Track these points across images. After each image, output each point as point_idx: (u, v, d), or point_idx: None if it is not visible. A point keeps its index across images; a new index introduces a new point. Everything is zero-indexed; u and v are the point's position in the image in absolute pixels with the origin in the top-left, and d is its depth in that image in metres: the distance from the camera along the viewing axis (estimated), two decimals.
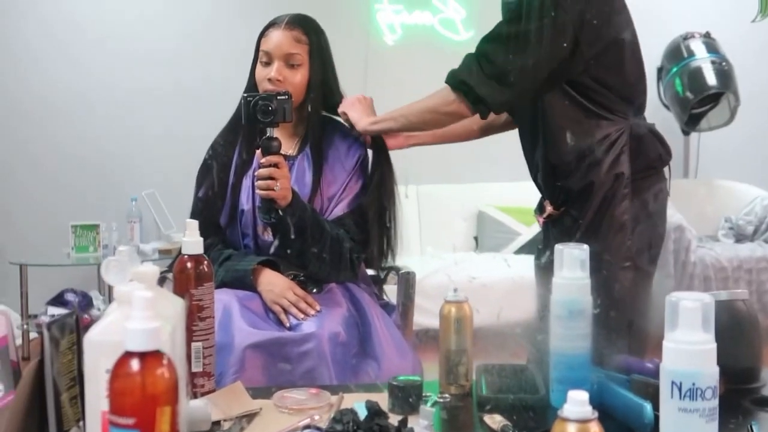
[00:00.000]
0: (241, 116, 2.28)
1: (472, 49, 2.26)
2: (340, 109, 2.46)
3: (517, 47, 2.14)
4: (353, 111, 2.43)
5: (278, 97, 2.22)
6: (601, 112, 2.20)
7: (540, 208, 2.39)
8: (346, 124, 2.46)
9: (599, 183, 2.17)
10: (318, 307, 2.24)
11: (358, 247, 2.36)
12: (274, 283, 2.27)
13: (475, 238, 5.81)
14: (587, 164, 2.19)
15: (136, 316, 0.95)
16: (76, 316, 1.26)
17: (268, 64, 2.37)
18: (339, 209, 2.37)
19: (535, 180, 2.38)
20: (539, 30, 2.11)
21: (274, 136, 2.24)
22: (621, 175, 2.17)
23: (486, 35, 2.23)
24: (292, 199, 2.23)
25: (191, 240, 1.52)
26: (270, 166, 2.20)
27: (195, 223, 1.54)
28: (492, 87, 2.17)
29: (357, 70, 5.59)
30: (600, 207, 2.18)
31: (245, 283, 2.27)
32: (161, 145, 5.74)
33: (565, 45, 2.11)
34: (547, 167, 2.27)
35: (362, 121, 2.41)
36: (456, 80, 2.23)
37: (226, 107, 2.53)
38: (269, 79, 2.34)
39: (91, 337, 1.11)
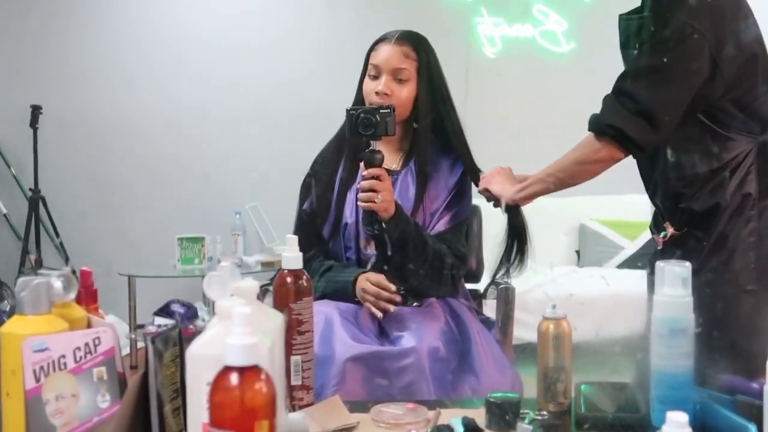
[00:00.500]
0: (345, 131, 2.32)
1: (574, 62, 2.24)
2: (480, 187, 2.38)
3: (658, 80, 2.06)
4: (494, 184, 2.36)
5: (381, 111, 2.23)
6: (730, 133, 2.12)
7: (657, 227, 2.33)
8: (489, 202, 2.39)
9: (725, 204, 2.12)
10: (392, 307, 2.26)
11: (459, 262, 2.38)
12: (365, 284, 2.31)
13: (577, 252, 5.74)
14: (713, 186, 2.13)
15: (236, 332, 0.97)
16: (179, 330, 1.30)
17: (376, 77, 2.41)
18: (441, 225, 2.39)
19: (652, 198, 2.32)
20: (677, 59, 2.03)
21: (377, 149, 2.26)
22: (748, 195, 2.11)
23: (622, 73, 2.15)
24: (395, 212, 2.25)
25: (291, 255, 1.55)
26: (372, 178, 2.22)
27: (295, 239, 1.57)
28: (640, 125, 2.08)
29: (458, 83, 5.60)
30: (726, 228, 2.12)
31: (346, 293, 2.30)
32: (265, 159, 5.85)
33: (704, 69, 2.04)
34: (668, 188, 2.21)
35: (507, 192, 2.33)
36: (601, 125, 2.14)
37: (332, 124, 2.57)
38: (376, 93, 2.37)
39: (193, 351, 1.14)
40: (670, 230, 2.24)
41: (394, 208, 2.26)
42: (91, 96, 5.80)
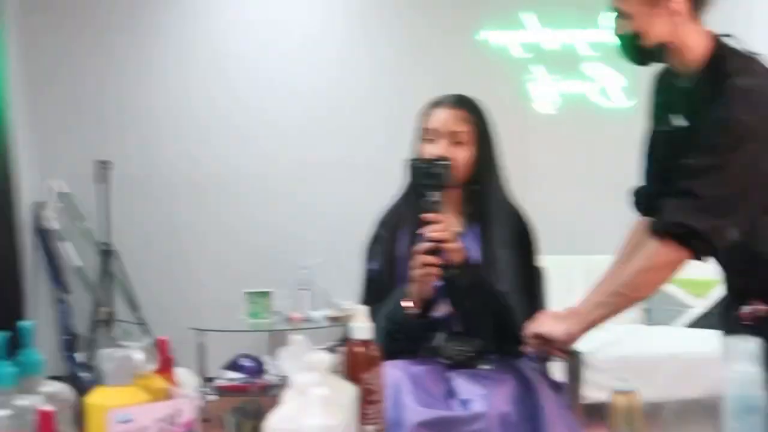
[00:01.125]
0: (407, 189, 2.38)
1: (631, 116, 2.24)
2: (531, 332, 2.25)
3: (718, 176, 2.01)
4: (547, 326, 2.23)
5: (437, 162, 2.33)
6: None
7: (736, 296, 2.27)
8: (540, 356, 2.37)
9: None
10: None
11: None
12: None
13: (646, 310, 5.67)
14: None
15: (314, 413, 1.01)
16: (258, 404, 1.33)
17: (432, 141, 2.45)
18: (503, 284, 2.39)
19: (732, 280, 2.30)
20: (734, 158, 2.00)
21: (437, 200, 2.31)
22: None
23: (680, 176, 2.08)
24: (466, 259, 2.30)
25: (360, 326, 1.57)
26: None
27: (363, 310, 1.60)
28: (708, 219, 2.02)
29: (512, 143, 5.64)
30: None
31: (402, 302, 2.34)
32: (331, 216, 5.92)
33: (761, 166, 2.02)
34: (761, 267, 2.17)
35: (563, 329, 2.20)
36: (665, 225, 2.06)
37: (388, 180, 2.63)
38: (437, 159, 2.39)
39: (271, 426, 1.18)
40: (764, 307, 2.15)
41: (463, 253, 2.30)
42: (162, 151, 5.94)
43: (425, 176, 2.31)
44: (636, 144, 2.45)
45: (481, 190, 2.45)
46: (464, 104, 2.48)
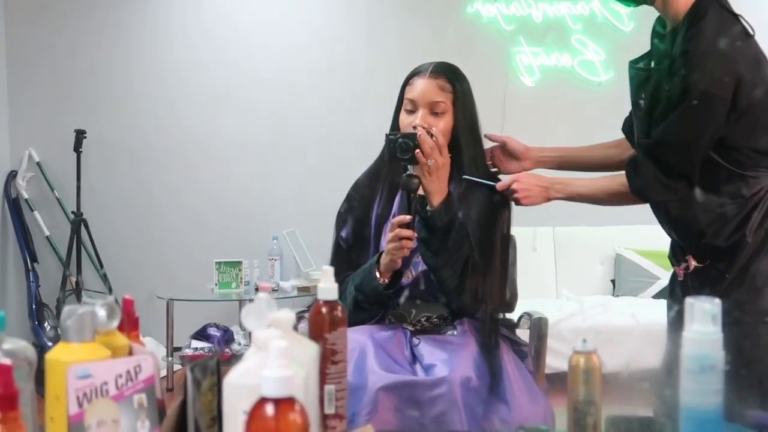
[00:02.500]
0: (380, 161, 2.36)
1: (612, 91, 2.32)
2: (515, 194, 2.44)
3: (686, 149, 2.19)
4: (528, 192, 2.45)
5: (413, 136, 2.29)
6: (749, 172, 2.19)
7: (677, 258, 2.37)
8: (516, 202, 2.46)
9: (748, 239, 2.17)
10: (410, 242, 2.29)
11: (484, 274, 2.38)
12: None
13: (612, 282, 5.73)
14: (736, 222, 2.19)
15: (272, 364, 1.01)
16: (217, 359, 1.33)
17: (412, 111, 2.43)
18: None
19: (670, 233, 2.37)
20: (702, 125, 2.15)
21: (415, 174, 2.30)
22: None
23: (654, 138, 2.26)
24: (446, 198, 2.31)
25: (326, 287, 1.57)
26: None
27: (330, 271, 1.59)
28: (666, 190, 2.24)
29: (495, 112, 5.63)
30: (748, 262, 2.18)
31: (372, 276, 2.34)
32: (302, 184, 5.92)
33: (719, 125, 2.14)
34: (689, 225, 2.27)
35: (541, 199, 2.47)
36: (634, 188, 2.33)
37: (367, 149, 2.62)
38: (414, 127, 2.38)
39: (230, 381, 1.18)
40: (693, 263, 2.30)
41: (445, 192, 2.31)
42: (135, 120, 5.91)
43: (404, 150, 2.29)
44: (613, 117, 2.50)
45: (459, 157, 2.44)
46: (443, 72, 2.45)
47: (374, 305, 2.39)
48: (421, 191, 2.33)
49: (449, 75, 2.45)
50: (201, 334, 5.26)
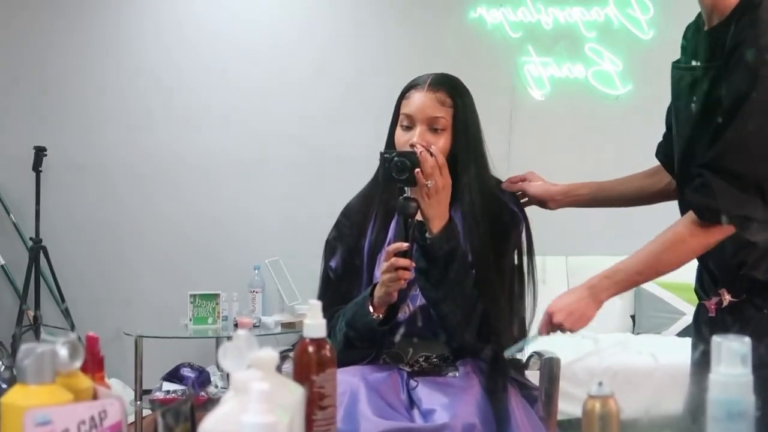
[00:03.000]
0: (372, 184, 2.37)
1: (630, 106, 2.28)
2: (563, 327, 2.34)
3: (760, 152, 2.07)
4: (573, 316, 2.33)
5: (416, 155, 2.30)
6: None
7: (705, 291, 2.36)
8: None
9: None
10: (409, 273, 2.28)
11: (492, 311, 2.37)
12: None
13: (632, 318, 5.72)
14: None
15: (253, 409, 1.01)
16: (191, 405, 1.33)
17: (409, 128, 2.43)
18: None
19: (703, 262, 2.36)
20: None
21: (412, 197, 2.31)
22: None
23: (715, 151, 2.12)
24: (447, 224, 2.31)
25: (313, 323, 1.57)
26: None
27: (318, 306, 1.59)
28: (755, 203, 2.09)
29: (502, 127, 5.65)
30: None
31: (365, 311, 2.34)
32: (288, 208, 5.93)
33: None
34: (727, 255, 2.24)
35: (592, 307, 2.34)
36: (720, 214, 2.11)
37: (359, 171, 2.63)
38: (411, 145, 2.38)
39: (206, 428, 1.18)
40: (727, 297, 2.27)
41: (446, 218, 2.32)
42: (100, 138, 5.92)
43: (400, 170, 2.30)
44: (631, 134, 2.49)
45: (459, 180, 2.43)
46: (442, 85, 2.44)
47: (367, 343, 2.39)
48: (419, 216, 2.33)
49: (449, 88, 2.45)
50: (173, 376, 5.24)
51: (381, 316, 2.35)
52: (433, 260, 2.31)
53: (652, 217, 2.78)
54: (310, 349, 1.56)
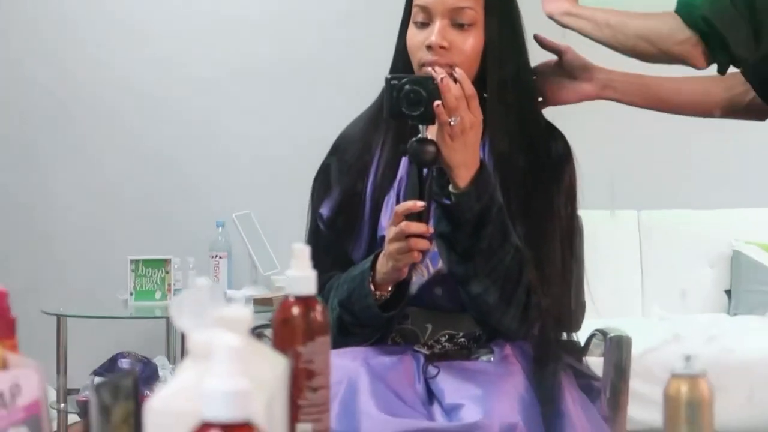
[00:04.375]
0: (381, 105, 2.34)
1: None
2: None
3: None
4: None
5: (434, 82, 2.24)
6: None
7: None
8: None
9: None
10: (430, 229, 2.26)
11: (541, 285, 2.36)
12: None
13: (728, 293, 5.73)
14: None
15: (219, 372, 1.00)
16: (134, 379, 1.33)
17: (425, 24, 2.40)
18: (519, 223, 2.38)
19: None
20: None
21: (429, 138, 2.28)
22: None
23: None
24: (477, 174, 2.27)
25: (299, 275, 1.56)
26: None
27: (305, 251, 1.58)
28: (746, 32, 2.23)
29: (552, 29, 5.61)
30: None
31: (364, 290, 2.31)
32: (260, 144, 5.90)
33: None
34: None
35: (555, 4, 2.46)
36: (694, 15, 2.26)
37: (360, 89, 2.61)
38: (428, 46, 2.36)
39: (155, 406, 1.17)
40: None
41: (477, 165, 2.27)
42: (14, 71, 5.94)
43: (413, 103, 2.25)
44: None
45: (494, 98, 2.42)
46: None
47: (368, 329, 2.39)
48: (439, 163, 2.30)
49: None
50: (108, 370, 5.25)
51: (386, 295, 2.33)
52: (459, 224, 2.27)
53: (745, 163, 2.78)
54: (295, 310, 1.56)
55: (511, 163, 2.40)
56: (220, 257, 5.47)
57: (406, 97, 2.25)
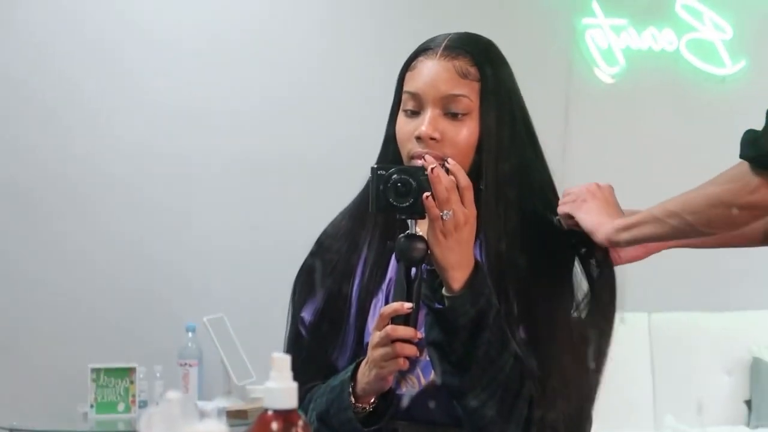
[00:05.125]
0: (367, 198, 2.32)
1: (742, 91, 2.29)
2: (562, 209, 2.40)
3: None
4: (586, 212, 2.37)
5: (425, 173, 2.22)
6: None
7: None
8: (565, 226, 2.41)
9: None
10: (418, 334, 2.23)
11: (545, 397, 2.34)
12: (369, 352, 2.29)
13: (748, 403, 5.72)
14: None
15: None
16: None
17: (415, 113, 2.38)
18: (521, 332, 2.35)
19: None
20: None
21: (418, 234, 2.27)
22: None
23: None
24: (472, 274, 2.23)
25: (279, 386, 1.56)
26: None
27: (285, 360, 1.59)
28: None
29: (554, 121, 5.63)
30: None
31: (343, 400, 2.29)
32: (234, 241, 5.91)
33: None
34: None
35: (604, 228, 2.34)
36: (765, 152, 2.15)
37: (342, 181, 2.62)
38: (418, 137, 2.33)
39: None
40: None
41: (471, 265, 2.24)
42: None
43: (402, 194, 2.23)
44: (740, 130, 2.46)
45: (491, 192, 2.39)
46: (464, 49, 2.40)
47: None
48: (430, 263, 2.30)
49: (475, 52, 2.41)
50: None
51: (369, 408, 2.32)
52: (453, 331, 2.23)
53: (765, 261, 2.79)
54: (275, 425, 1.56)
55: (510, 263, 2.39)
56: (190, 365, 5.45)
57: (394, 188, 2.22)
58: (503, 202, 2.38)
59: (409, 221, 2.27)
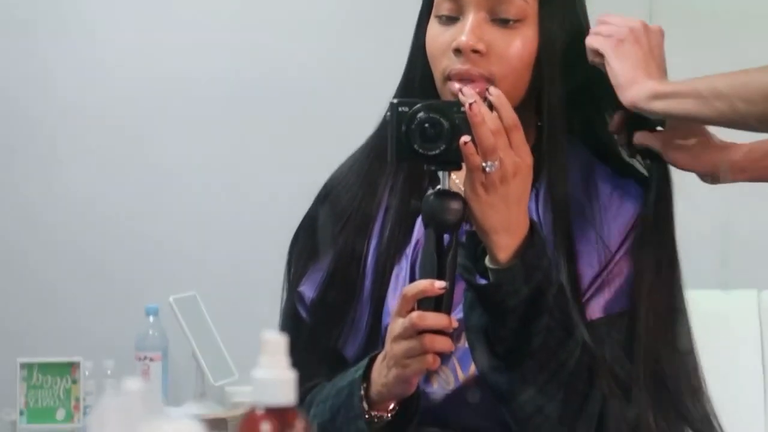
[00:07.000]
0: (385, 137, 2.30)
1: None
2: (591, 41, 2.40)
3: None
4: (621, 57, 2.37)
5: (461, 110, 2.22)
6: None
7: None
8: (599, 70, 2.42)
9: None
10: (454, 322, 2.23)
11: (622, 388, 2.35)
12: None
13: None
14: None
15: None
16: None
17: (453, 18, 2.40)
18: (593, 310, 2.38)
19: None
20: None
21: (452, 190, 2.26)
22: None
23: None
24: (529, 237, 2.24)
25: (271, 377, 1.56)
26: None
27: (279, 342, 1.58)
28: None
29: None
30: None
31: (353, 407, 2.29)
32: (209, 201, 5.93)
33: None
34: None
35: (637, 87, 2.36)
36: None
37: (346, 133, 2.62)
38: (457, 50, 2.36)
39: None
40: None
41: (525, 229, 2.24)
42: None
43: (431, 138, 2.21)
44: None
45: (554, 127, 2.43)
46: None
47: None
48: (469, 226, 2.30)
49: None
50: None
51: (387, 416, 2.32)
52: (499, 314, 2.24)
53: None
54: (266, 427, 1.55)
55: (566, 206, 2.39)
56: (151, 359, 5.46)
57: (421, 130, 2.20)
58: (569, 139, 2.38)
59: (440, 173, 2.24)
